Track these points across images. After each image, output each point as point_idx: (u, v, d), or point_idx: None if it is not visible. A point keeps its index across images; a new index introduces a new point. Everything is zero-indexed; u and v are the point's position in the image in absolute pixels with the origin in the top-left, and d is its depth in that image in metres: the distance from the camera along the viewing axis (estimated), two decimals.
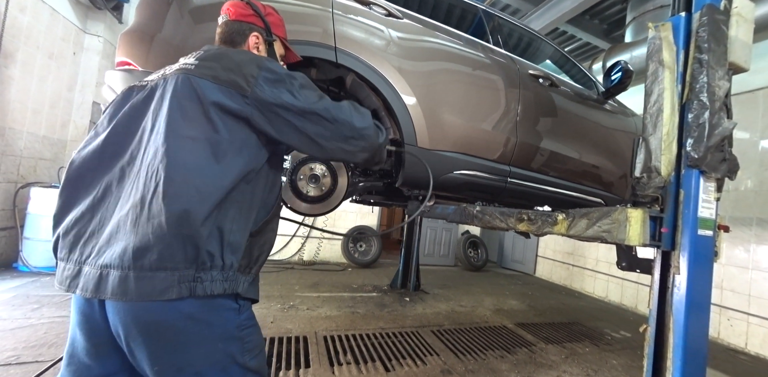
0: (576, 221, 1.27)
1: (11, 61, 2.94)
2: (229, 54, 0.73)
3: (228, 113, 0.67)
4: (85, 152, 0.70)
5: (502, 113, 1.57)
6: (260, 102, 0.68)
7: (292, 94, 0.70)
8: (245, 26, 0.85)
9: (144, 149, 0.66)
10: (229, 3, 0.87)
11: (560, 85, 1.81)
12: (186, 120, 0.65)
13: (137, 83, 0.75)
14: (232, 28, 0.84)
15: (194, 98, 0.66)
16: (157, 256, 0.58)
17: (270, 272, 3.72)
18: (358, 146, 0.79)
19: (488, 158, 1.54)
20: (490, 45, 1.72)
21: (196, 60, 0.71)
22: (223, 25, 0.85)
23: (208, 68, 0.69)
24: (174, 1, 1.08)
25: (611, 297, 3.96)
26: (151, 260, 0.58)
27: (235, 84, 0.67)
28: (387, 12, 1.39)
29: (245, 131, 0.70)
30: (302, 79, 0.75)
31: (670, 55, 1.28)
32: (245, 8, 0.86)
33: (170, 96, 0.66)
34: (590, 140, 1.91)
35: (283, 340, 2.02)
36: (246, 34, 0.85)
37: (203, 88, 0.66)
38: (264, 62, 0.72)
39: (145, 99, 0.70)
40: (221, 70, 0.68)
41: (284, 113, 0.70)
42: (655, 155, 1.26)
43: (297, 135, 0.73)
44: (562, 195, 1.79)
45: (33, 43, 3.14)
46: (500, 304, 3.40)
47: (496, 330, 2.61)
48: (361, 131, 0.78)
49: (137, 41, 1.06)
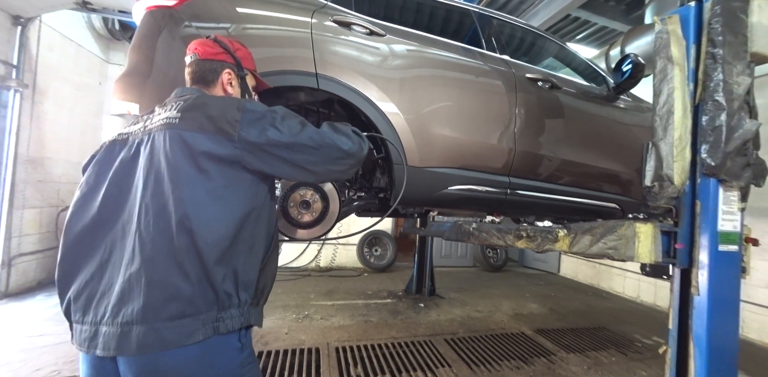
0: (579, 238, 1.19)
1: (45, 97, 3.21)
2: (208, 102, 0.74)
3: (219, 160, 0.69)
4: (82, 215, 0.71)
5: (496, 123, 1.50)
6: (248, 144, 0.70)
7: (276, 128, 0.72)
8: (216, 64, 0.85)
9: (140, 206, 0.68)
10: (196, 42, 0.87)
11: (563, 87, 1.69)
12: (180, 175, 0.67)
13: (117, 137, 0.77)
14: (204, 67, 0.85)
15: (185, 151, 0.68)
16: (180, 305, 0.63)
17: (287, 280, 3.83)
18: (347, 164, 0.83)
19: (485, 171, 1.48)
20: (483, 51, 1.64)
21: (178, 112, 0.71)
22: (193, 65, 0.85)
23: (193, 120, 0.70)
24: (164, 29, 1.13)
25: (643, 297, 3.71)
26: (175, 311, 0.62)
27: (222, 131, 0.69)
28: (369, 31, 1.36)
29: (239, 173, 0.72)
30: (282, 111, 0.77)
31: (679, 51, 1.16)
32: (213, 46, 0.86)
33: (160, 153, 0.68)
34: (601, 141, 1.78)
35: (296, 352, 2.08)
36: (218, 72, 0.85)
37: (192, 140, 0.68)
38: (243, 104, 0.74)
39: (133, 156, 0.72)
40: (205, 120, 0.70)
41: (273, 149, 0.72)
42: (666, 162, 1.15)
43: (289, 167, 0.76)
44: (572, 203, 1.69)
45: (62, 77, 3.41)
46: (519, 308, 3.30)
47: (514, 338, 2.53)
48: (348, 151, 0.81)
49: (133, 84, 1.10)
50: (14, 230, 2.98)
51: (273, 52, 1.20)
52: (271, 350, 2.08)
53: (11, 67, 2.90)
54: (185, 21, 1.13)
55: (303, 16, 1.28)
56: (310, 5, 1.33)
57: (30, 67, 3.04)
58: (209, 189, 0.68)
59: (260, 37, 1.21)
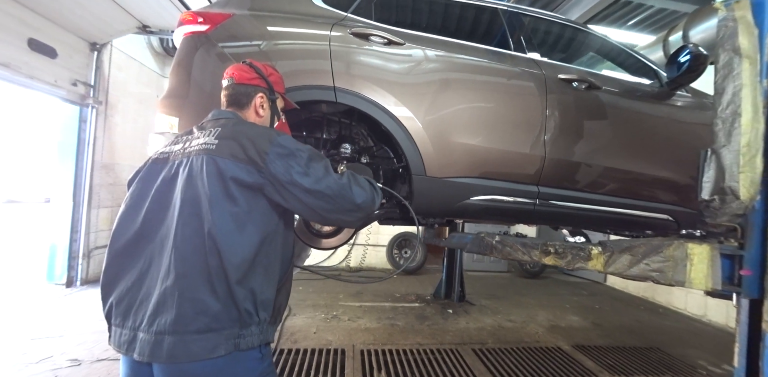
0: (615, 257, 1.07)
1: (115, 111, 3.70)
2: (243, 131, 0.80)
3: (246, 186, 0.76)
4: (127, 228, 0.79)
5: (523, 129, 1.40)
6: (273, 177, 0.76)
7: (301, 170, 0.77)
8: (250, 89, 0.92)
9: (177, 224, 0.74)
10: (233, 67, 0.94)
11: (603, 86, 1.52)
12: (212, 199, 0.73)
13: (159, 156, 0.86)
14: (239, 91, 0.91)
15: (218, 176, 0.74)
16: (207, 319, 0.69)
17: (318, 279, 3.98)
18: (356, 217, 0.87)
19: (510, 180, 1.40)
20: (510, 52, 1.53)
21: (216, 139, 0.78)
22: (229, 88, 0.92)
23: (228, 147, 0.77)
24: (200, 49, 1.24)
25: (712, 316, 3.24)
26: (202, 325, 0.68)
27: (252, 161, 0.75)
28: (387, 40, 1.34)
29: (260, 199, 0.78)
30: (309, 152, 0.82)
31: (749, 41, 0.98)
32: (249, 72, 0.93)
33: (197, 176, 0.75)
34: (651, 144, 1.58)
35: (323, 352, 2.16)
36: (252, 96, 0.92)
37: (225, 166, 0.74)
38: (274, 137, 0.79)
39: (173, 176, 0.80)
40: (239, 149, 0.76)
41: (293, 188, 0.77)
42: (730, 173, 0.98)
43: (303, 207, 0.80)
44: (613, 214, 1.52)
45: (127, 92, 3.89)
46: (557, 320, 3.08)
47: (549, 353, 2.37)
48: (361, 205, 0.84)
49: (173, 104, 1.22)
50: (92, 226, 3.48)
51: (296, 66, 1.25)
52: (300, 348, 2.19)
53: (89, 87, 3.37)
54: (218, 43, 1.22)
55: (323, 29, 1.31)
56: (330, 19, 1.36)
57: (103, 86, 3.52)
58: (234, 213, 0.73)
59: (288, 51, 1.27)
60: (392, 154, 1.47)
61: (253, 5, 1.34)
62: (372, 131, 1.47)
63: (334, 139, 1.49)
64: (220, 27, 1.25)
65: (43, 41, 2.78)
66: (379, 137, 1.45)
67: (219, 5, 1.35)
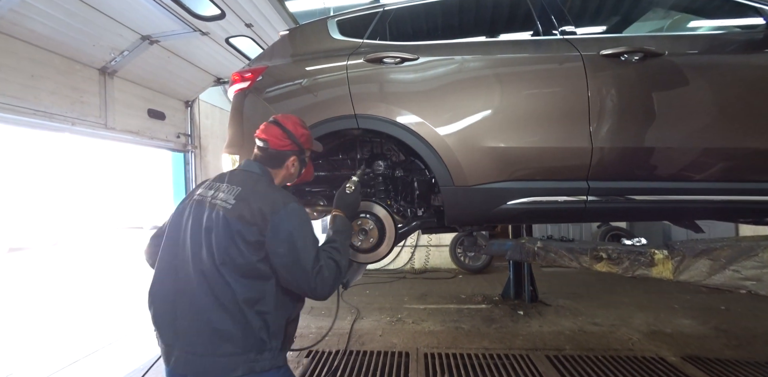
0: (689, 262, 0.90)
1: (206, 152, 4.57)
2: (256, 197, 0.91)
3: (249, 243, 0.88)
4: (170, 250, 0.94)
5: (560, 121, 1.24)
6: (269, 238, 0.87)
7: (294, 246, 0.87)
8: (284, 154, 1.03)
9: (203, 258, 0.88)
10: (269, 132, 1.02)
11: (666, 51, 1.25)
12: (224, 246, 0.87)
13: (197, 198, 0.97)
14: (273, 155, 1.02)
15: (227, 230, 0.88)
16: (231, 345, 0.84)
17: (384, 282, 4.15)
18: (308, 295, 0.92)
19: (551, 178, 1.27)
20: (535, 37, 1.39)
21: (234, 200, 0.91)
22: (263, 150, 1.02)
23: (239, 209, 0.89)
24: (246, 98, 1.48)
25: None
26: (227, 349, 0.84)
27: (255, 223, 0.87)
28: (400, 59, 1.37)
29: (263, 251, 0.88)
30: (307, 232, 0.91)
31: None
32: (282, 139, 1.01)
33: (214, 225, 0.90)
34: (749, 109, 1.24)
35: (388, 354, 2.27)
36: (285, 160, 1.03)
37: (234, 224, 0.88)
38: (279, 208, 0.89)
39: (199, 217, 0.93)
40: (248, 212, 0.88)
41: (277, 257, 0.87)
42: None
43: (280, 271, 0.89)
44: (702, 202, 1.24)
45: (214, 135, 4.77)
46: (660, 323, 2.59)
47: (646, 364, 2.02)
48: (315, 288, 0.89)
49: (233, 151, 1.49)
50: None
51: (321, 98, 1.38)
52: (366, 350, 2.34)
53: (187, 136, 4.26)
54: (261, 92, 1.45)
55: (340, 61, 1.41)
56: (347, 49, 1.46)
57: (196, 133, 4.39)
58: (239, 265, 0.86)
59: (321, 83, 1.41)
60: (423, 166, 1.49)
61: (294, 52, 1.55)
62: (401, 146, 1.51)
63: (367, 157, 1.58)
64: (261, 78, 1.46)
65: (156, 109, 3.63)
66: (408, 151, 1.49)
67: (265, 58, 1.58)
